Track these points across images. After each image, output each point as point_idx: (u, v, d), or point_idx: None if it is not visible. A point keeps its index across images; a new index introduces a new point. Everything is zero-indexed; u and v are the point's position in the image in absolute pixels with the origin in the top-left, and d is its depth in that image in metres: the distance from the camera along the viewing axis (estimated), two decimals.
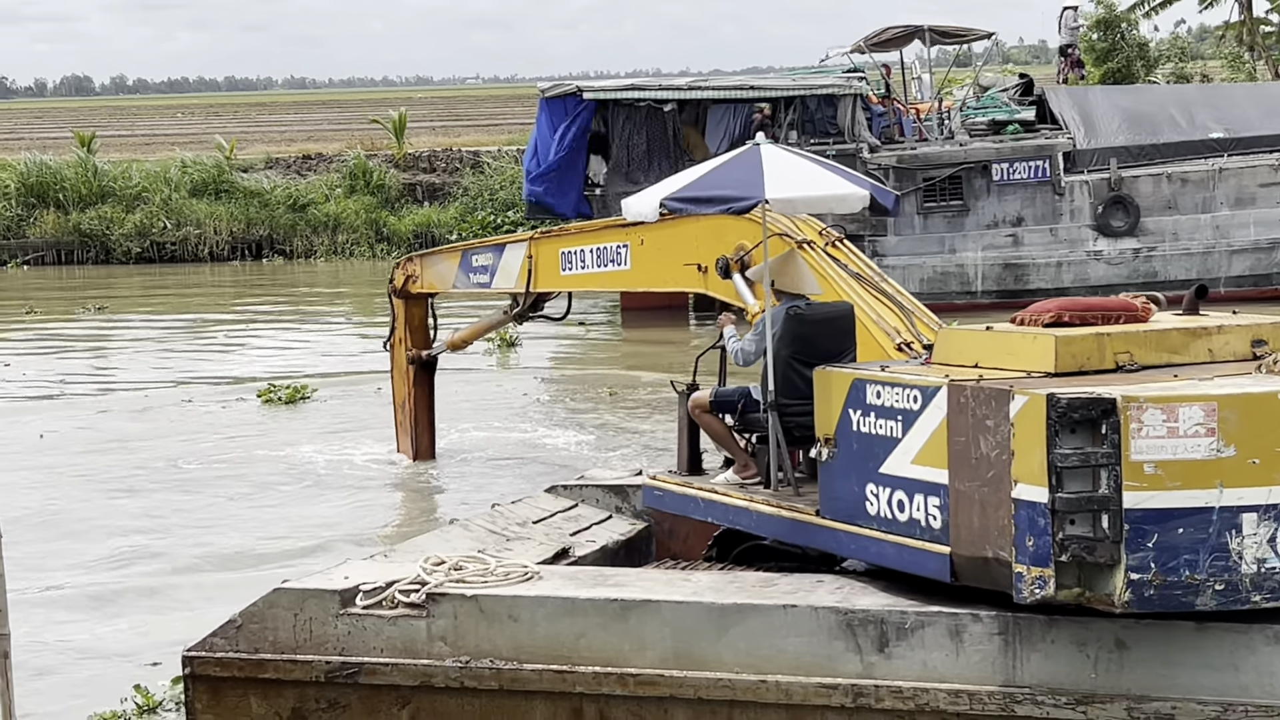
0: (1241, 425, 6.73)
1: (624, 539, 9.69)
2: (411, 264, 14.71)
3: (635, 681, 7.61)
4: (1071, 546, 6.78)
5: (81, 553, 12.81)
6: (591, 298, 30.54)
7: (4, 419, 18.86)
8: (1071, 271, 25.45)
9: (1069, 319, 7.58)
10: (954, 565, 7.29)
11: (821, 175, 8.66)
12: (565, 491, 10.39)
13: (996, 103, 26.61)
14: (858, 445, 7.78)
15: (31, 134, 59.22)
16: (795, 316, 8.74)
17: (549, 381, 21.24)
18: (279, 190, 39.00)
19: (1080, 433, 6.77)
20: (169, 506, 14.34)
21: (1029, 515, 6.87)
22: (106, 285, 35.14)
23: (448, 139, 46.69)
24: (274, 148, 45.57)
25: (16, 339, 26.70)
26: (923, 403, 7.39)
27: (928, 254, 25.46)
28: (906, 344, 9.33)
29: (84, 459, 16.37)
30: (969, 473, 7.15)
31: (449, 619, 7.84)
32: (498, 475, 14.92)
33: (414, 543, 9.26)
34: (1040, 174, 25.48)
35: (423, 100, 76.01)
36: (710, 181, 8.59)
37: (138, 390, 20.87)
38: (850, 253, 10.34)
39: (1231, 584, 6.75)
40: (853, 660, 7.39)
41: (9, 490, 14.80)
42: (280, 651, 8.00)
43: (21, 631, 8.78)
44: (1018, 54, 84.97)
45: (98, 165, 39.55)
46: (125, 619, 11.18)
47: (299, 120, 66.82)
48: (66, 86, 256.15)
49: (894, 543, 7.60)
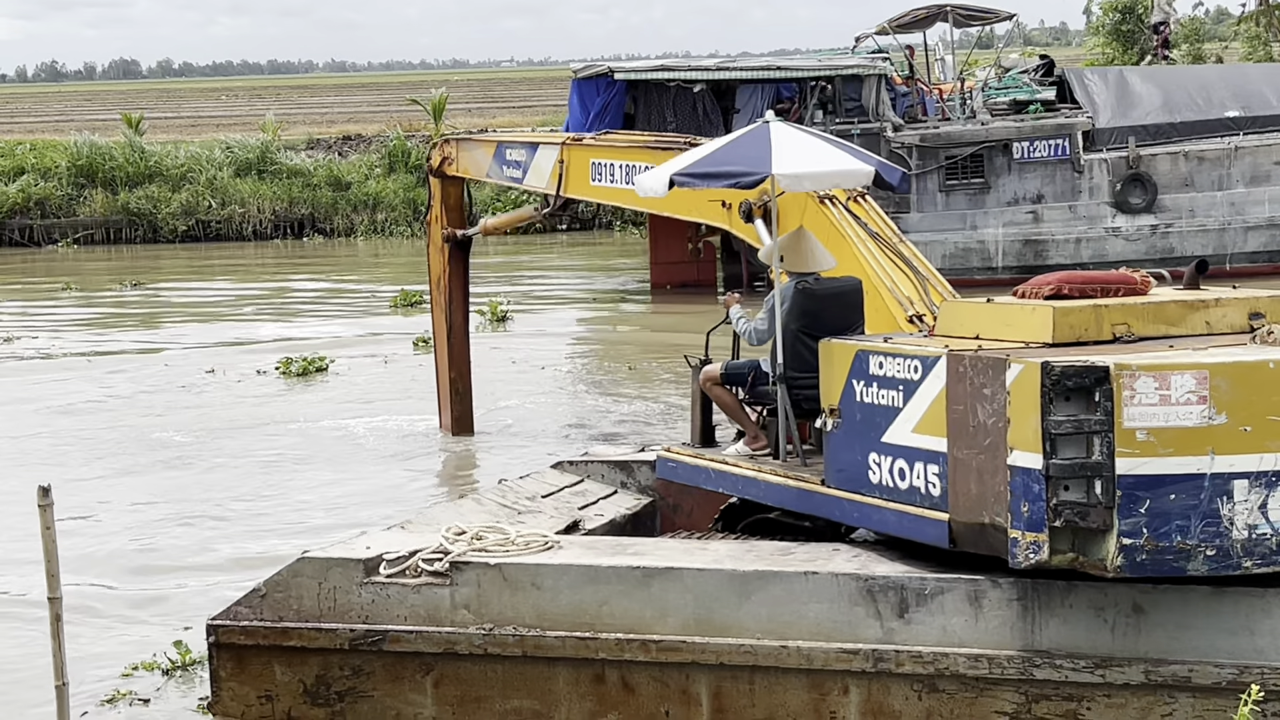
0: (1233, 393, 6.79)
1: (630, 513, 9.77)
2: (449, 146, 14.83)
3: (658, 648, 7.68)
4: (1065, 512, 6.85)
5: (104, 523, 12.99)
6: (623, 272, 31.31)
7: (29, 384, 19.35)
8: (1090, 247, 26.01)
9: (1068, 292, 7.68)
10: (952, 531, 7.37)
11: (828, 151, 8.75)
12: (571, 467, 10.43)
13: (1018, 83, 27.17)
14: (860, 415, 7.87)
15: (82, 116, 60.14)
16: (803, 291, 8.86)
17: (577, 356, 21.70)
18: (320, 170, 39.95)
19: (1074, 400, 6.85)
20: (167, 480, 14.55)
21: (1024, 481, 6.94)
22: (154, 261, 35.94)
23: (483, 120, 47.44)
24: (315, 129, 46.35)
25: (50, 312, 27.25)
26: (923, 372, 7.48)
27: (950, 230, 26.07)
28: (919, 316, 9.39)
29: (87, 423, 16.87)
30: (967, 440, 7.23)
31: (473, 587, 7.89)
32: (513, 446, 15.26)
33: (427, 515, 9.32)
34: (1060, 152, 26.00)
35: (459, 83, 76.61)
36: (719, 158, 8.68)
37: (158, 360, 21.38)
38: (871, 210, 10.31)
39: (1223, 549, 6.81)
40: (873, 626, 7.46)
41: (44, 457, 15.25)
42: (304, 620, 8.05)
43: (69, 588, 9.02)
44: (1038, 36, 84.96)
45: (145, 146, 40.42)
46: (158, 584, 11.33)
47: (339, 102, 67.69)
48: (115, 70, 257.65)
49: (895, 510, 7.67)
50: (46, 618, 7.31)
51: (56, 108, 72.59)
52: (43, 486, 7.94)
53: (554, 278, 31.82)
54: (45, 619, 7.39)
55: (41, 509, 7.95)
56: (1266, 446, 6.82)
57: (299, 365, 19.59)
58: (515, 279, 30.71)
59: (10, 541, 12.09)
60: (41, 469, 14.33)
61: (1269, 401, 6.84)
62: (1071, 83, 26.92)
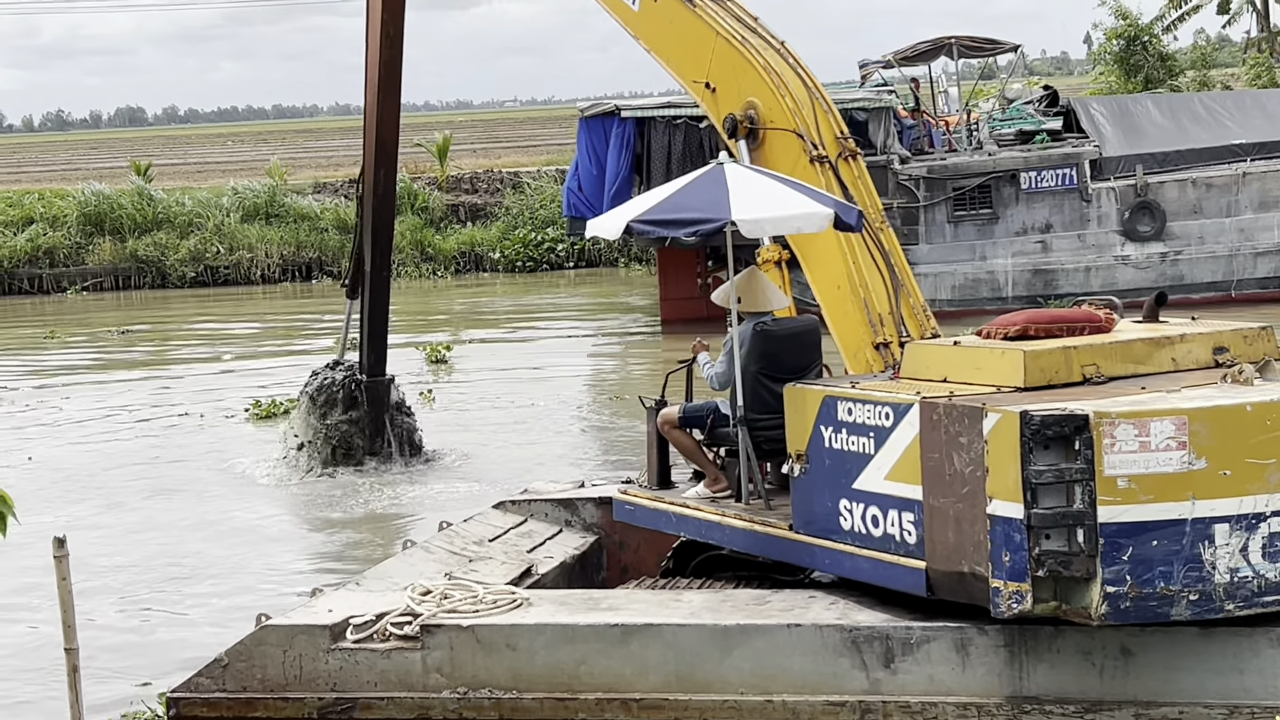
0: (1212, 437, 6.76)
1: (579, 553, 9.65)
2: None
3: (639, 706, 7.54)
4: (1048, 561, 6.81)
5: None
6: (631, 311, 31.26)
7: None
8: (1100, 276, 25.97)
9: (1035, 332, 7.61)
10: (930, 579, 7.29)
11: (786, 194, 8.61)
12: (514, 507, 10.25)
13: (1022, 114, 27.20)
14: (830, 461, 7.78)
15: (88, 164, 60.42)
16: (762, 333, 8.78)
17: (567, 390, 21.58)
18: (327, 214, 40.04)
19: (1054, 449, 6.80)
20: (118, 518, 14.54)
21: (1005, 531, 6.89)
22: (163, 307, 35.96)
23: (488, 160, 47.59)
24: (321, 173, 46.50)
25: (27, 363, 27.20)
26: (894, 420, 7.40)
27: (959, 261, 26.05)
28: (884, 344, 9.36)
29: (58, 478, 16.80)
30: (943, 489, 7.16)
31: (445, 650, 7.72)
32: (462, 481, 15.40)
33: (379, 570, 9.09)
34: (1068, 181, 25.98)
35: (463, 124, 76.95)
36: (676, 203, 8.49)
37: (131, 403, 21.36)
38: (859, 176, 10.10)
39: (1205, 594, 6.79)
40: (859, 677, 7.36)
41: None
42: (270, 690, 7.85)
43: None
44: (1040, 66, 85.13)
45: (152, 193, 40.65)
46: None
47: (345, 145, 67.80)
48: (120, 118, 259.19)
49: (869, 558, 7.59)
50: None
51: (63, 157, 72.89)
52: (58, 538, 7.85)
53: (563, 313, 31.82)
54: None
55: (57, 560, 7.87)
56: (1246, 490, 6.80)
57: (264, 409, 19.64)
58: (525, 313, 30.72)
59: None
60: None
61: (1247, 444, 6.81)
62: (1078, 112, 26.94)
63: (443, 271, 38.96)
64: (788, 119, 10.12)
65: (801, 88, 10.33)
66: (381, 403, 16.11)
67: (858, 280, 9.63)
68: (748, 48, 10.44)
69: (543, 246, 38.80)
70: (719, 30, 10.57)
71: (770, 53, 10.51)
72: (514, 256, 38.74)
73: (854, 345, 9.63)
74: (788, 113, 10.12)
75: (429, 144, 43.90)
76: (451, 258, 39.04)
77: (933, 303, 25.09)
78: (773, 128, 10.18)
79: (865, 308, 9.55)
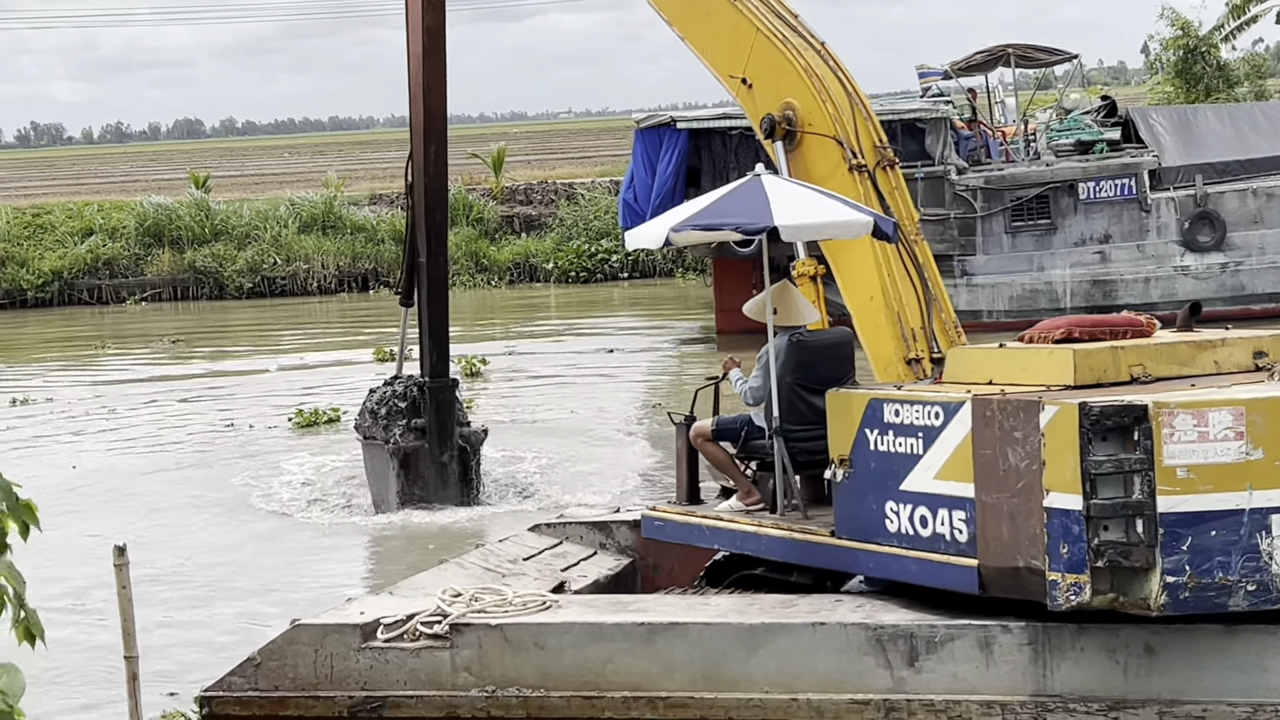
0: (1268, 428, 6.84)
1: (612, 573, 9.66)
2: None
3: (665, 704, 7.59)
4: (1107, 552, 6.84)
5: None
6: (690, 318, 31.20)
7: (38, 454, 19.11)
8: (1159, 287, 25.73)
9: (1080, 335, 7.74)
10: (982, 577, 7.32)
11: (825, 203, 8.71)
12: (549, 529, 10.29)
13: (1079, 124, 27.00)
14: (875, 464, 7.81)
15: (147, 176, 61.00)
16: (798, 344, 8.81)
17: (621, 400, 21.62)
18: (384, 225, 40.26)
19: (1112, 440, 6.86)
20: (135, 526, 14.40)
21: (1063, 523, 6.92)
22: (221, 317, 36.31)
23: (543, 172, 47.71)
24: (378, 184, 46.79)
25: (79, 372, 27.42)
26: (945, 419, 7.44)
27: (1016, 272, 25.87)
28: (916, 359, 9.36)
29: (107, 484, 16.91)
30: (997, 485, 7.19)
31: (474, 649, 7.78)
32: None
33: (413, 581, 9.10)
34: (1127, 191, 25.77)
35: (518, 135, 77.26)
36: (717, 210, 8.57)
37: (178, 412, 21.49)
38: (896, 187, 10.00)
39: (1263, 584, 6.83)
40: (883, 675, 7.39)
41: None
42: (301, 688, 7.92)
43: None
44: (1097, 76, 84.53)
45: (211, 205, 40.99)
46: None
47: (400, 157, 68.15)
48: (179, 130, 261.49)
49: (917, 558, 7.60)
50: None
51: (123, 168, 73.64)
52: (118, 546, 7.92)
53: (616, 324, 31.84)
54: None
55: (117, 568, 7.93)
56: None
57: (306, 417, 19.66)
58: (577, 323, 30.74)
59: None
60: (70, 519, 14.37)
61: None
62: (1137, 122, 26.72)
63: (497, 281, 39.10)
64: (827, 124, 10.04)
65: (841, 92, 10.23)
66: (448, 407, 14.53)
67: (893, 293, 9.60)
68: (788, 47, 10.31)
69: (596, 257, 38.89)
70: (759, 26, 10.44)
71: (811, 54, 10.37)
72: (568, 267, 38.83)
73: (885, 358, 9.61)
74: (828, 118, 10.05)
75: (484, 156, 44.09)
76: (506, 268, 39.21)
77: (990, 314, 25.31)
78: (811, 132, 10.10)
79: (899, 321, 9.53)
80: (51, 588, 12.11)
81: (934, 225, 25.10)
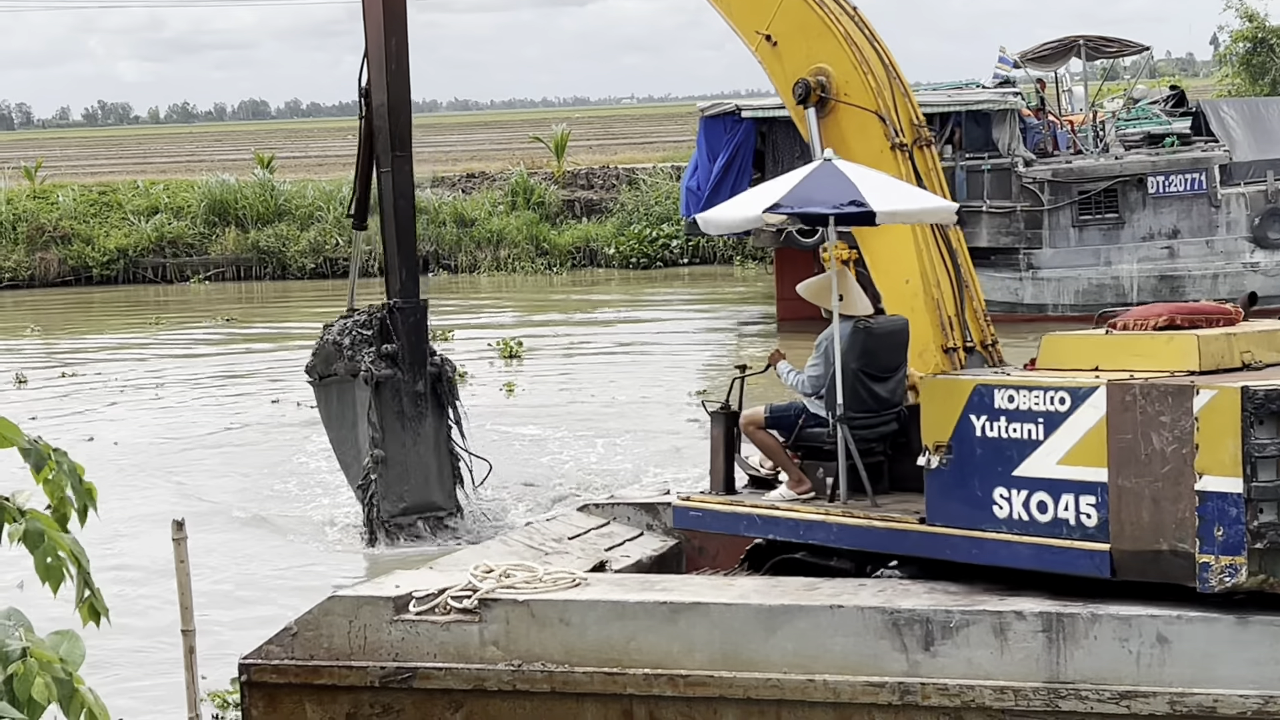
0: None
1: (656, 555, 9.75)
2: None
3: (685, 683, 7.73)
4: (1268, 534, 6.93)
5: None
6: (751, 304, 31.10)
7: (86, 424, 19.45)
8: (1228, 283, 25.35)
9: (1180, 322, 7.80)
10: (1114, 561, 7.34)
11: (906, 189, 8.67)
12: (597, 510, 10.37)
13: (1147, 114, 26.64)
14: (982, 450, 7.77)
15: (212, 156, 61.49)
16: (864, 330, 8.72)
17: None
18: (445, 207, 40.37)
19: (1271, 423, 6.95)
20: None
21: (1218, 506, 7.00)
22: (282, 295, 36.61)
23: (604, 157, 47.71)
24: (440, 167, 46.90)
25: (132, 349, 27.71)
26: (1073, 403, 7.43)
27: (1083, 266, 25.58)
28: (952, 349, 9.26)
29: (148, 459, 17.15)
30: (1137, 469, 7.24)
31: (501, 624, 7.96)
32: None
33: (455, 557, 9.35)
34: (1196, 186, 25.42)
35: (580, 120, 77.23)
36: (801, 194, 8.37)
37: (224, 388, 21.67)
38: (931, 168, 9.70)
39: None
40: (899, 659, 7.49)
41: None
42: (335, 658, 8.11)
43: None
44: (1165, 67, 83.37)
45: (275, 185, 41.24)
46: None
47: (462, 140, 68.44)
48: (244, 110, 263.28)
49: (1032, 544, 7.58)
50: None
51: (188, 148, 74.19)
52: (176, 520, 8.02)
53: (677, 310, 31.76)
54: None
55: (176, 543, 8.01)
56: None
57: None
58: (638, 308, 30.69)
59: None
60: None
61: None
62: (1207, 114, 26.35)
63: (558, 267, 39.10)
64: (868, 98, 9.59)
65: (879, 64, 9.77)
66: (421, 330, 13.25)
67: (932, 279, 9.41)
68: (824, 9, 9.80)
69: (657, 243, 38.84)
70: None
71: (847, 20, 9.88)
72: (628, 252, 38.80)
73: (920, 343, 9.35)
74: (869, 91, 9.58)
75: (547, 140, 44.08)
76: (567, 253, 39.20)
77: (1055, 307, 25.04)
78: (848, 102, 9.67)
79: (938, 308, 9.36)
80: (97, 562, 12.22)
81: (1000, 217, 24.89)
